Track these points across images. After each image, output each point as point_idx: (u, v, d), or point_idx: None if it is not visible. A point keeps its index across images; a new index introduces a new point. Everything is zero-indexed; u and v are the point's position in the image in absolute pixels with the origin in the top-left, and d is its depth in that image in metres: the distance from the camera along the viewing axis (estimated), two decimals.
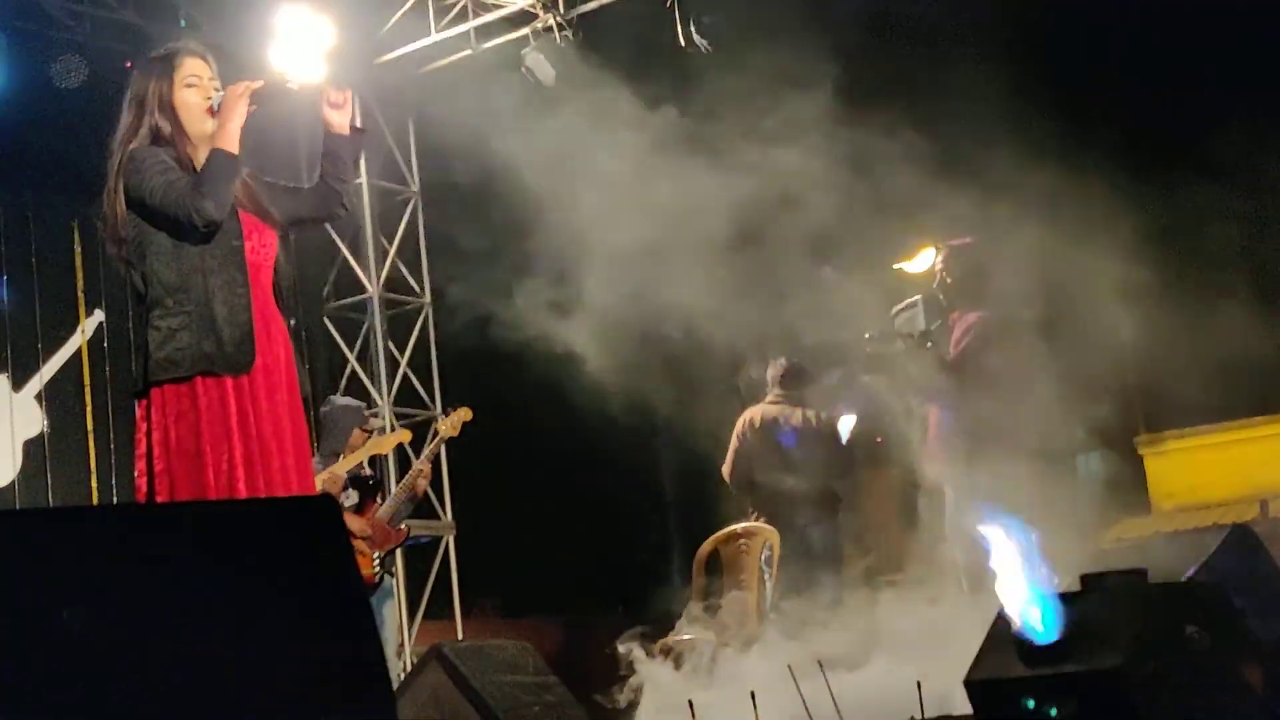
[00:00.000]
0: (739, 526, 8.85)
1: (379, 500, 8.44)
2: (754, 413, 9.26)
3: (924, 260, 8.94)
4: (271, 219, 4.99)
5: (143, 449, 4.78)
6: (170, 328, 4.67)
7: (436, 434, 8.81)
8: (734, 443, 9.23)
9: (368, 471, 8.70)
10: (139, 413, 4.80)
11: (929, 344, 7.82)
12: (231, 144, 4.76)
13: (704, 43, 10.13)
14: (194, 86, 4.89)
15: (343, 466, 8.28)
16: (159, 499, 4.68)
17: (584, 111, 10.01)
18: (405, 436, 9.41)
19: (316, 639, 3.17)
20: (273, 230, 4.97)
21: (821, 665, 5.06)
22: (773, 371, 9.31)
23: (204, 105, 4.87)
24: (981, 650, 4.01)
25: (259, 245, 4.89)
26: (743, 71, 9.87)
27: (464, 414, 8.66)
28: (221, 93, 4.87)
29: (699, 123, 9.52)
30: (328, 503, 3.38)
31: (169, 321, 4.68)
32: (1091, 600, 3.93)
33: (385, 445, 8.74)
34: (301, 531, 3.30)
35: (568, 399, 11.60)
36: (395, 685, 7.16)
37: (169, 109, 4.85)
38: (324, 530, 3.30)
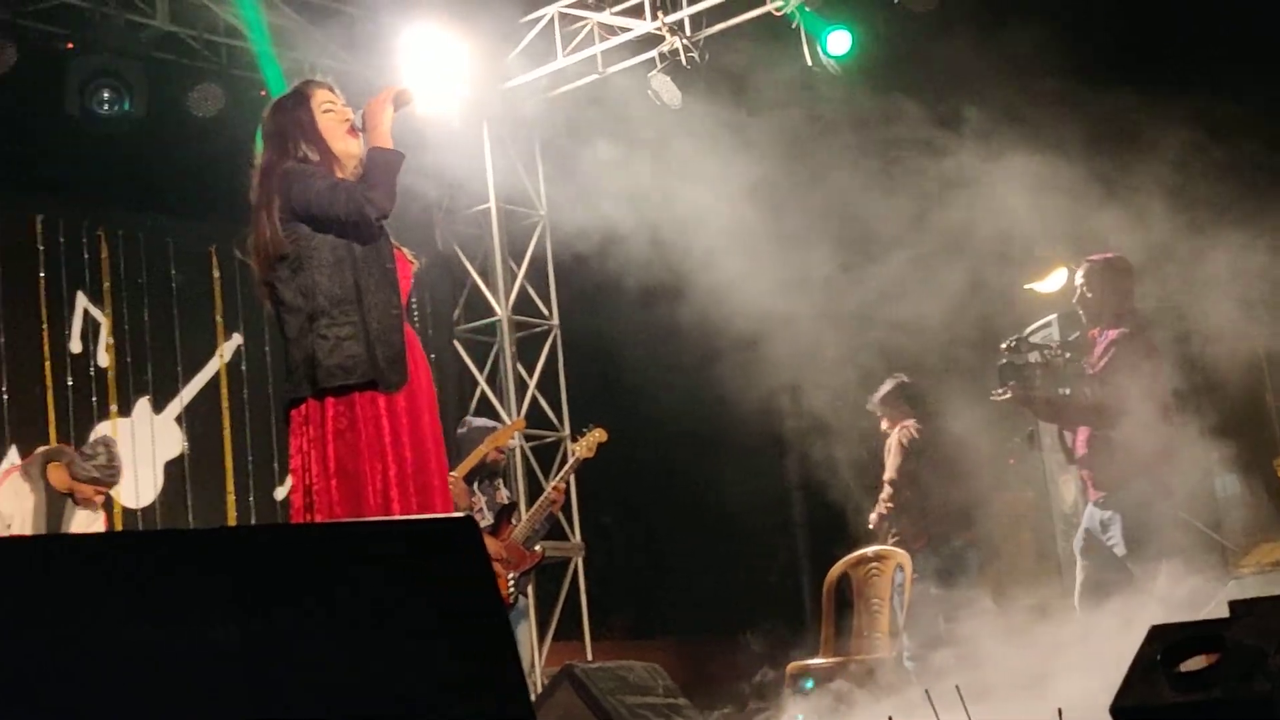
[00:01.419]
0: (870, 550, 8.79)
1: (514, 522, 8.48)
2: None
3: (1056, 280, 8.87)
4: (408, 257, 5.11)
5: (297, 464, 4.85)
6: (339, 336, 4.76)
7: (571, 455, 8.79)
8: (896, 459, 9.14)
9: (503, 495, 8.75)
10: (294, 424, 4.87)
11: (1066, 355, 7.73)
12: (387, 141, 4.91)
13: (832, 63, 10.10)
14: (330, 112, 5.04)
15: (462, 469, 8.35)
16: (318, 517, 4.75)
17: (710, 133, 10.04)
18: (520, 425, 9.26)
19: (459, 659, 3.20)
20: (410, 266, 5.09)
21: (960, 692, 5.00)
22: (884, 390, 9.29)
23: (344, 125, 5.00)
24: (1128, 677, 3.94)
25: (403, 276, 4.99)
26: (872, 89, 9.87)
27: (599, 435, 8.64)
28: (357, 112, 5.00)
29: (826, 142, 9.52)
30: (468, 523, 3.40)
31: (337, 330, 4.77)
32: (1241, 626, 3.86)
33: (503, 438, 8.73)
34: (444, 551, 3.33)
35: (696, 419, 11.65)
36: None
37: (313, 135, 4.97)
38: (465, 550, 3.33)
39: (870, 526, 9.17)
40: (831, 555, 9.09)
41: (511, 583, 8.29)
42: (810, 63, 10.22)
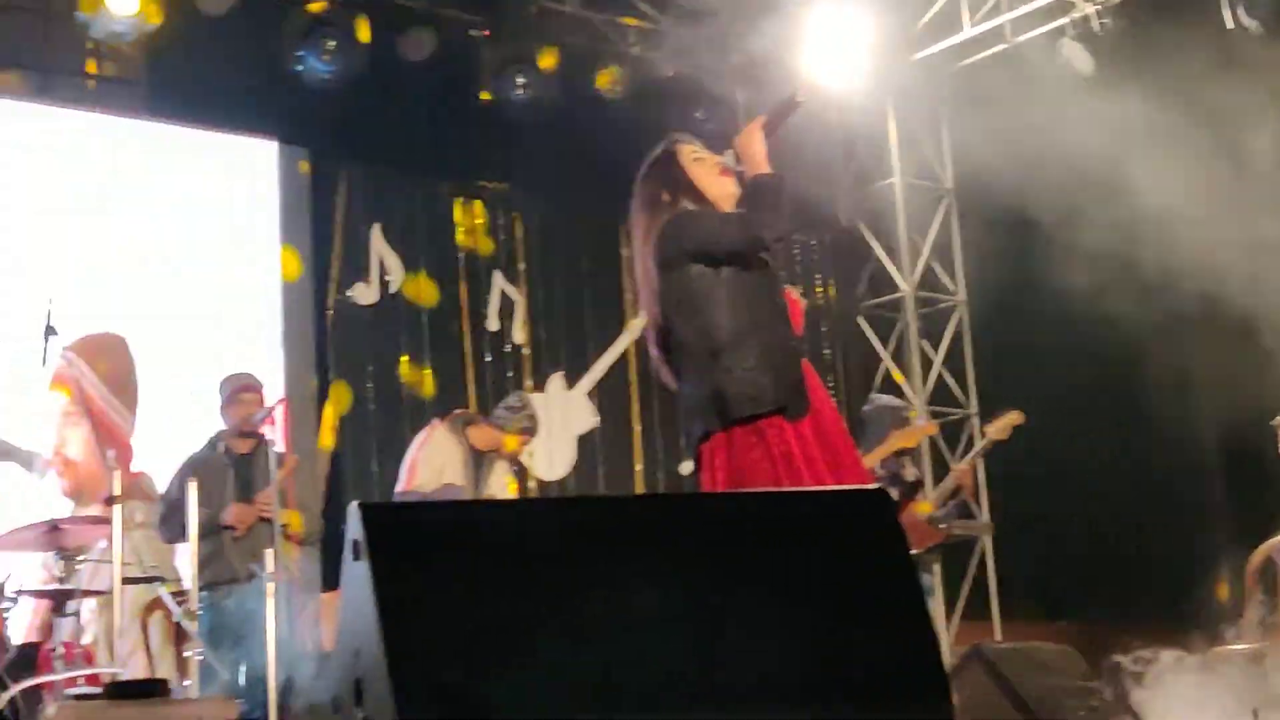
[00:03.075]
0: None
1: (918, 500, 8.40)
2: None
3: None
4: (794, 296, 5.17)
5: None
6: (745, 367, 4.81)
7: (983, 435, 8.61)
8: None
9: (910, 472, 8.68)
10: (703, 459, 4.93)
11: None
12: (763, 167, 4.91)
13: (1255, 23, 9.66)
14: (700, 160, 5.07)
15: (872, 460, 8.31)
16: None
17: (1123, 100, 9.73)
18: (931, 429, 9.14)
19: (874, 631, 3.20)
20: (799, 305, 5.14)
21: None
22: None
23: (716, 169, 5.04)
24: None
25: (794, 310, 5.06)
26: None
27: (1014, 418, 8.36)
28: (727, 153, 5.03)
29: (1247, 107, 9.12)
30: (882, 495, 3.39)
31: (742, 363, 4.81)
32: None
33: (911, 439, 8.62)
34: (858, 523, 3.33)
35: (1109, 398, 11.32)
36: None
37: (688, 186, 5.02)
38: (879, 522, 3.32)
39: None
40: (1254, 538, 8.71)
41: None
42: (1230, 24, 9.80)
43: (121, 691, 4.98)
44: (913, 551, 8.12)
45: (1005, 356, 11.68)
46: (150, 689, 5.59)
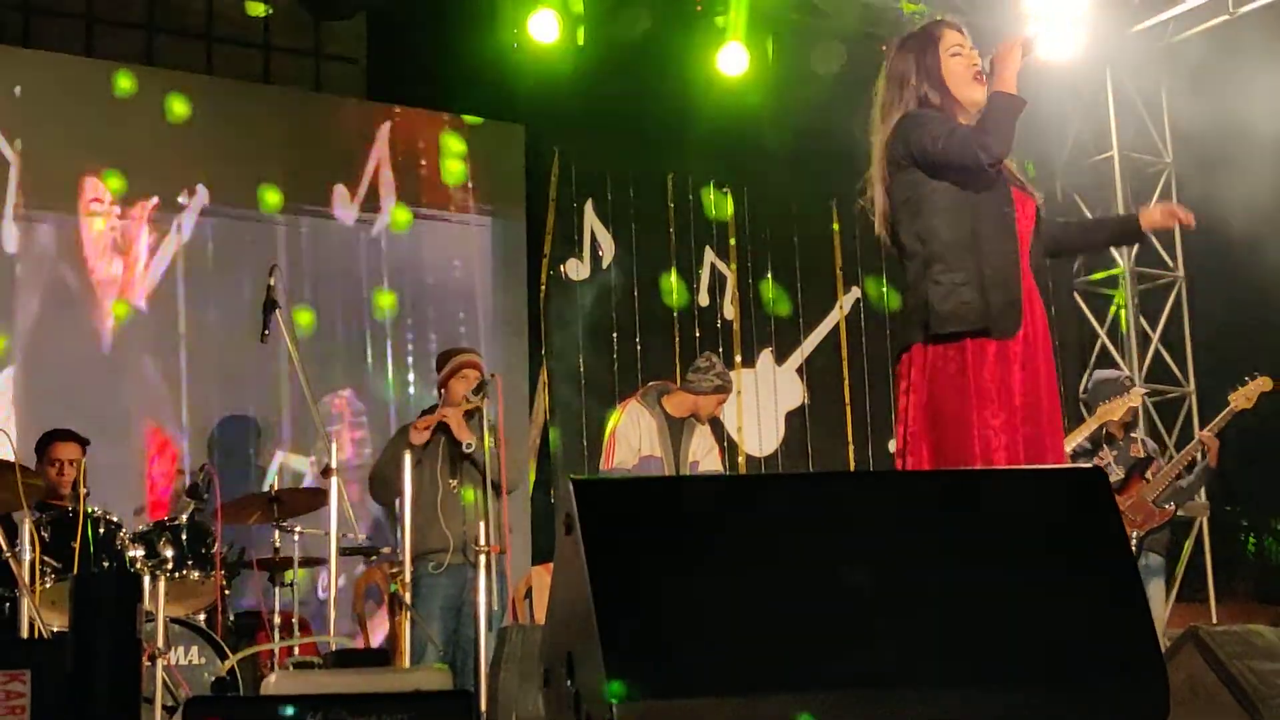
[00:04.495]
0: None
1: (1147, 479, 8.24)
2: None
3: None
4: (1028, 192, 5.02)
5: (902, 406, 4.89)
6: (954, 282, 4.75)
7: (1230, 404, 8.32)
8: None
9: (1139, 449, 8.52)
10: (901, 369, 4.91)
11: None
12: (1011, 87, 4.83)
13: None
14: (959, 56, 5.00)
15: (1080, 434, 8.17)
16: (911, 462, 4.78)
17: None
18: (1135, 400, 8.85)
19: (1089, 607, 3.18)
20: (1032, 203, 5.00)
21: None
22: None
23: (971, 72, 4.97)
24: None
25: (1023, 217, 4.92)
26: None
27: (1264, 384, 8.06)
28: (986, 58, 4.96)
29: None
30: (1097, 475, 3.36)
31: (952, 276, 4.76)
32: None
33: (1115, 411, 8.40)
34: (1072, 501, 3.31)
35: None
36: None
37: (937, 79, 4.96)
38: (1095, 502, 3.30)
39: None
40: None
41: (1135, 540, 8.06)
42: None
43: (342, 660, 5.12)
44: (1135, 533, 8.01)
45: (1225, 335, 11.41)
46: (371, 657, 5.74)
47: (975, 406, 4.67)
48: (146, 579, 6.57)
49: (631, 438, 7.81)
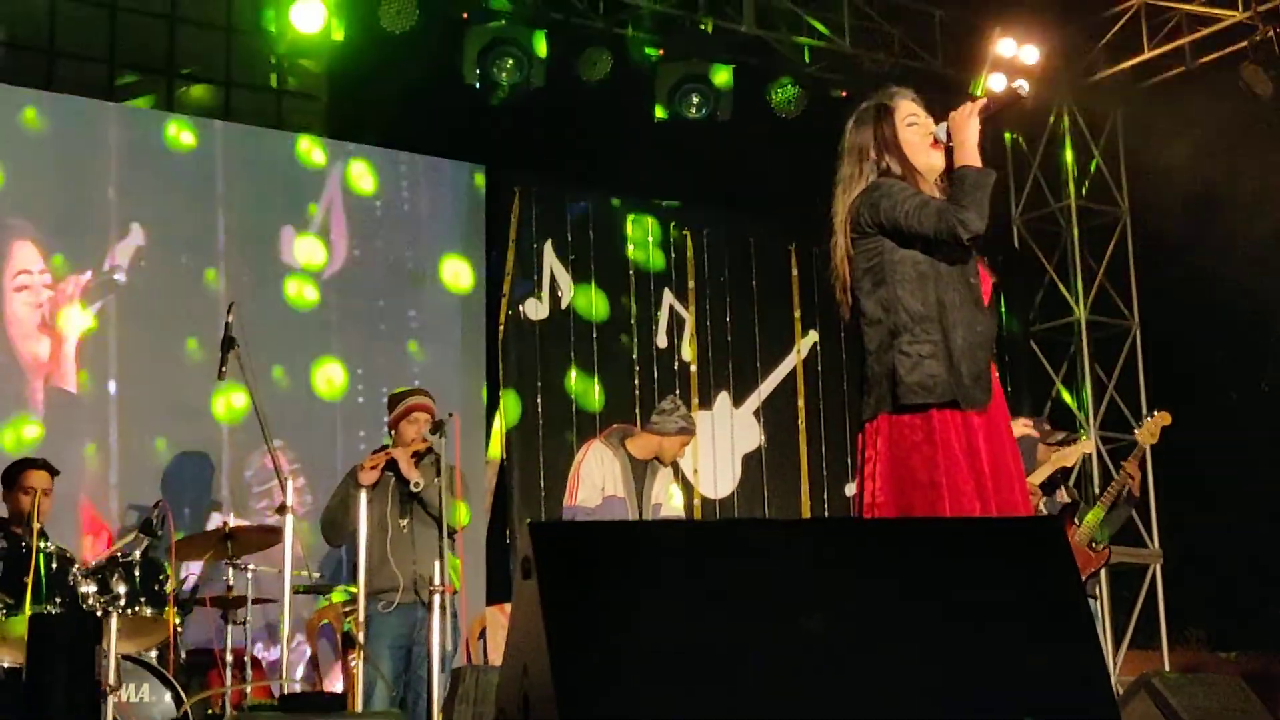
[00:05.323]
0: None
1: (1076, 523, 8.31)
2: None
3: None
4: (989, 268, 5.03)
5: (868, 472, 4.87)
6: (920, 354, 4.73)
7: (1135, 442, 8.48)
8: None
9: (1063, 495, 8.59)
10: (867, 436, 4.88)
11: None
12: (975, 159, 4.80)
13: None
14: (914, 125, 4.98)
15: (1034, 479, 8.23)
16: None
17: None
18: (1088, 448, 8.91)
19: (1043, 657, 3.20)
20: (990, 280, 5.00)
21: None
22: None
23: (928, 139, 4.96)
24: None
25: (985, 288, 4.92)
26: None
27: (1163, 418, 8.29)
28: (941, 125, 4.95)
29: None
30: (1053, 523, 3.40)
31: (918, 348, 4.74)
32: None
33: (1070, 458, 8.49)
34: (1027, 550, 3.34)
35: None
36: None
37: (895, 148, 4.96)
38: (1051, 551, 3.33)
39: None
40: None
41: None
42: None
43: (297, 704, 5.07)
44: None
45: (1179, 383, 11.49)
46: (326, 702, 5.69)
47: (945, 474, 4.66)
48: (98, 614, 6.51)
49: (596, 477, 7.82)
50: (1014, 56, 10.52)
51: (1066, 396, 11.87)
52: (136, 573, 6.83)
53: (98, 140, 9.27)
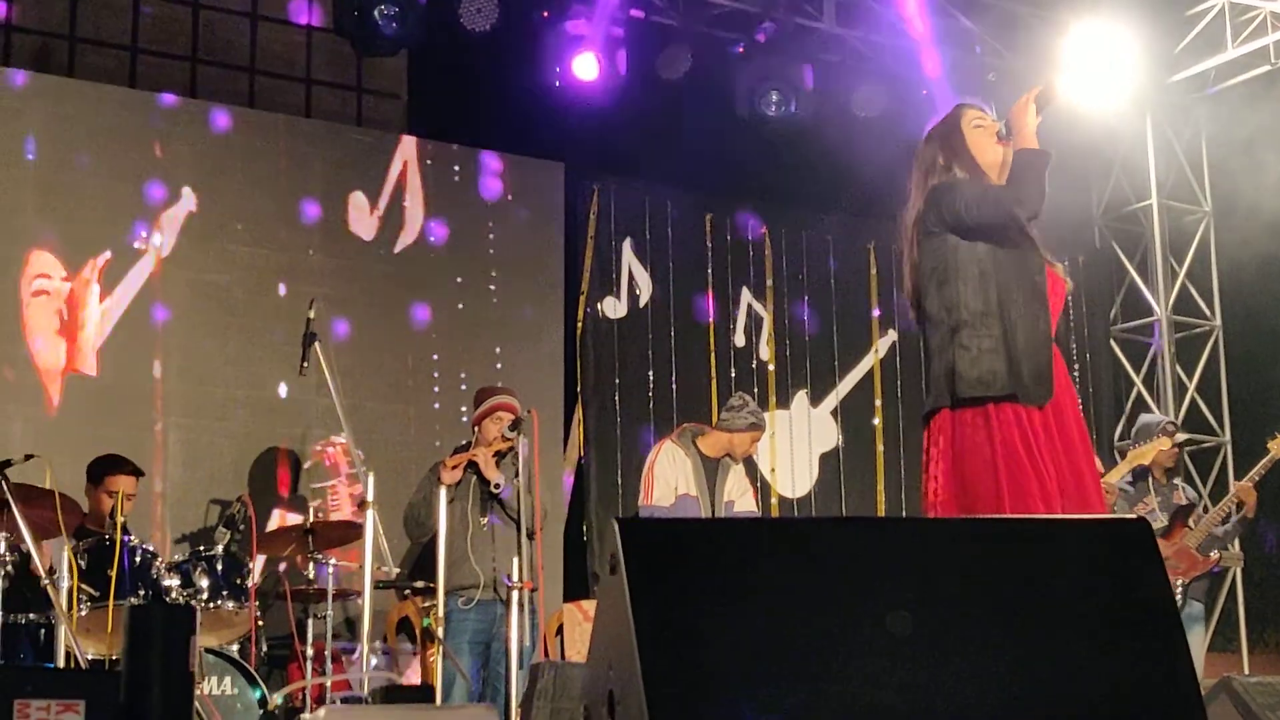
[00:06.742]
0: None
1: (1190, 526, 8.22)
2: None
3: None
4: (1061, 274, 5.03)
5: (931, 472, 4.89)
6: (981, 349, 4.76)
7: (1267, 450, 8.33)
8: None
9: (1182, 496, 8.51)
10: (930, 434, 4.92)
11: None
12: (1032, 142, 4.88)
13: None
14: (980, 127, 5.05)
15: (1113, 475, 8.16)
16: None
17: None
18: (1164, 445, 8.76)
19: (1130, 660, 3.17)
20: (1063, 285, 5.00)
21: None
22: None
23: (992, 136, 5.01)
24: None
25: (1053, 292, 4.92)
26: None
27: None
28: (1003, 121, 5.00)
29: None
30: (1142, 525, 3.36)
31: (980, 343, 4.77)
32: None
33: (1147, 455, 8.38)
34: (1116, 551, 3.31)
35: None
36: None
37: (963, 153, 5.00)
38: (1138, 551, 3.29)
39: None
40: None
41: (1179, 587, 8.05)
42: None
43: (390, 696, 5.11)
44: (1180, 580, 7.98)
45: (1262, 385, 11.38)
46: (417, 694, 5.73)
47: (1006, 472, 4.65)
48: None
49: (669, 476, 7.83)
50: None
51: (1147, 398, 11.77)
52: (219, 566, 6.91)
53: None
